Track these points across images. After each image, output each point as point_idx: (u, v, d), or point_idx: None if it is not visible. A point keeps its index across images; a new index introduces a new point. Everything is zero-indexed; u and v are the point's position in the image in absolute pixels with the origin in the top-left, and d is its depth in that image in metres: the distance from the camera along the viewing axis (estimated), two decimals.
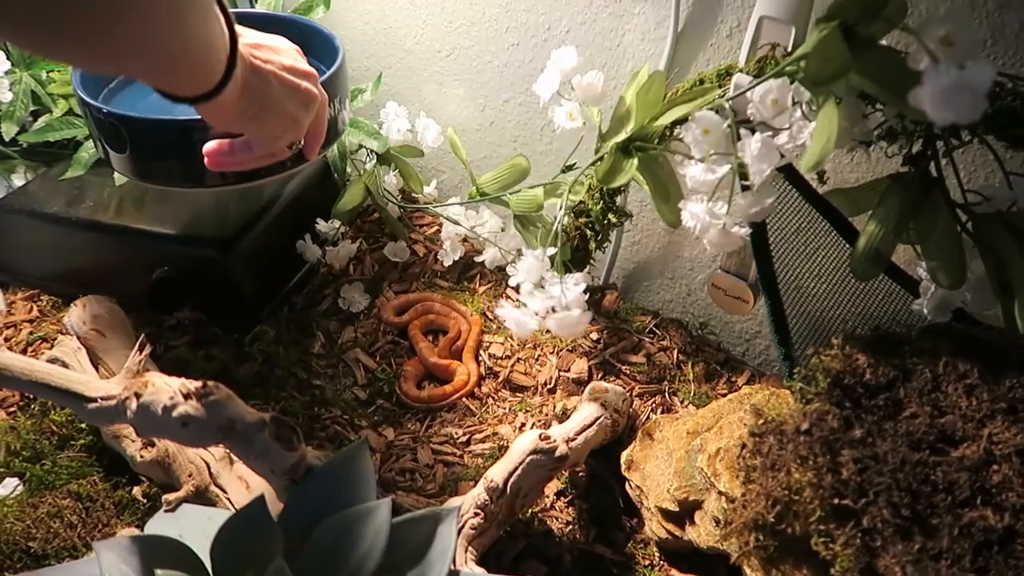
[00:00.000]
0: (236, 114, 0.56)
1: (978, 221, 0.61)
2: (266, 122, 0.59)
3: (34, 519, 0.73)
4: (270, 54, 0.59)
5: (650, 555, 0.75)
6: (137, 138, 0.80)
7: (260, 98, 0.57)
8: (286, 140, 0.64)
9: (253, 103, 0.57)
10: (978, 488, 0.52)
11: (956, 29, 0.50)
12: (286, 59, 0.60)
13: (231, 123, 0.58)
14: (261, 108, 0.58)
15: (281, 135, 0.62)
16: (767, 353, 0.99)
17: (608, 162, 0.75)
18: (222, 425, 0.59)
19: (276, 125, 0.61)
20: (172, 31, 0.45)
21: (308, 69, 0.63)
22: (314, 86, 0.63)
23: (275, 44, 0.61)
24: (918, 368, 0.58)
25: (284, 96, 0.60)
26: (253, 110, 0.57)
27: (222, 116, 0.56)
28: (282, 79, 0.59)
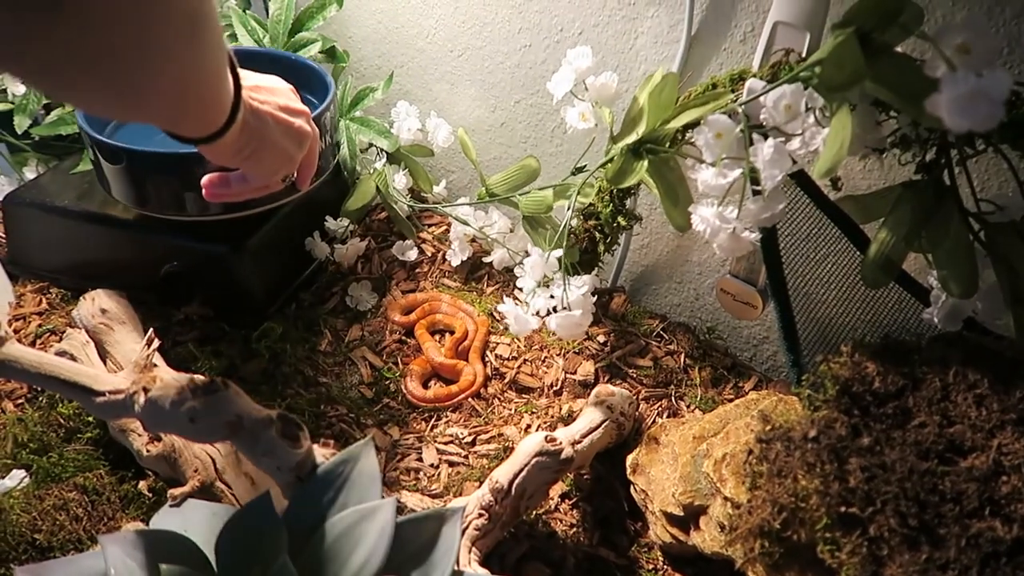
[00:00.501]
0: (234, 152, 0.60)
1: (991, 230, 0.61)
2: (262, 159, 0.64)
3: (40, 511, 0.73)
4: (267, 95, 0.63)
5: (654, 559, 0.75)
6: (136, 168, 0.88)
7: (257, 137, 0.61)
8: (280, 174, 0.68)
9: (251, 141, 0.61)
10: (987, 499, 0.51)
11: (973, 37, 0.50)
12: (281, 99, 0.65)
13: (229, 160, 0.62)
14: (258, 146, 0.62)
15: (276, 170, 0.67)
16: (775, 359, 0.99)
17: (618, 163, 0.75)
18: (229, 421, 0.59)
19: (271, 161, 0.65)
20: (193, 79, 0.48)
21: (302, 108, 0.67)
22: (307, 123, 0.67)
23: (271, 85, 0.65)
24: (928, 377, 0.58)
25: (279, 134, 0.64)
26: (250, 148, 0.61)
27: (221, 154, 0.60)
28: (278, 118, 0.63)
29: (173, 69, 0.45)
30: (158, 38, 0.42)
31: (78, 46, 0.39)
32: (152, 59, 0.43)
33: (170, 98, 0.48)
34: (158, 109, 0.48)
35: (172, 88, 0.47)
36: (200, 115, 0.53)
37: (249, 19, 1.10)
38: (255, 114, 0.60)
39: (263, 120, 0.61)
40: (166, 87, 0.46)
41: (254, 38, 1.10)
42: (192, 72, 0.47)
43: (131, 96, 0.45)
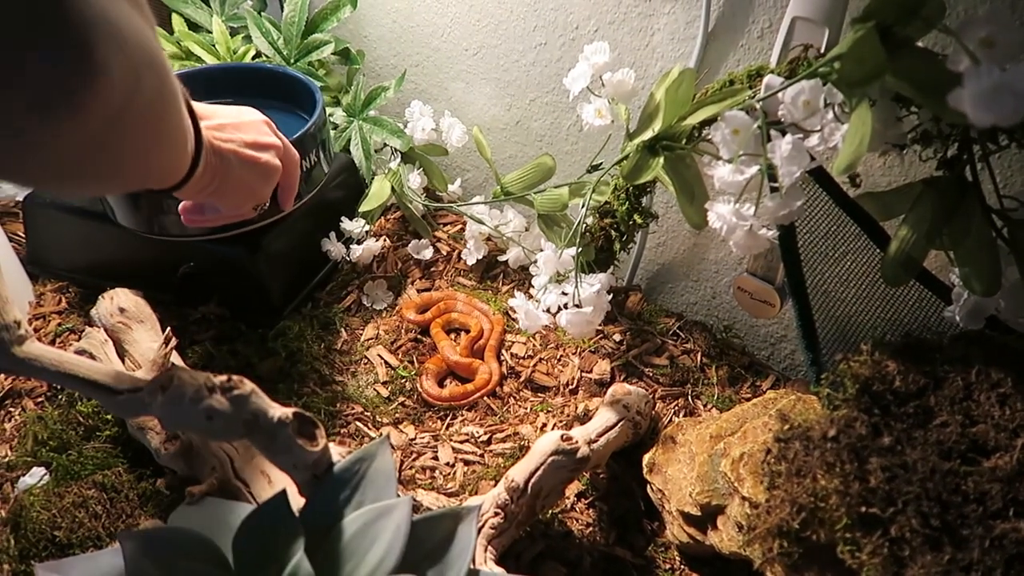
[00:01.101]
0: (197, 190, 0.61)
1: (1014, 227, 0.60)
2: (226, 194, 0.65)
3: (59, 508, 0.74)
4: (232, 132, 0.64)
5: (671, 559, 0.75)
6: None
7: (220, 175, 0.62)
8: (246, 208, 0.70)
9: (213, 180, 0.62)
10: (1011, 499, 0.51)
11: (997, 30, 0.49)
12: (248, 134, 0.66)
13: (194, 196, 0.64)
14: (221, 184, 0.63)
15: (241, 205, 0.69)
16: (793, 357, 0.98)
17: (634, 160, 0.74)
18: (246, 419, 0.59)
19: (236, 197, 0.67)
20: (156, 161, 0.51)
21: (270, 141, 0.69)
22: (275, 158, 0.69)
23: (239, 120, 0.66)
24: (950, 376, 0.57)
25: (244, 171, 0.65)
26: (213, 186, 0.63)
27: (186, 193, 0.61)
28: (242, 156, 0.64)
29: (140, 164, 0.48)
30: (133, 148, 0.44)
31: (55, 170, 0.41)
32: (124, 164, 0.46)
33: (137, 180, 0.51)
34: (124, 189, 0.51)
35: (138, 174, 0.50)
36: (162, 177, 0.55)
37: (264, 21, 1.11)
38: (218, 154, 0.61)
39: (226, 159, 0.62)
40: (133, 178, 0.50)
41: (268, 40, 1.10)
42: (156, 157, 0.50)
43: (100, 190, 0.49)
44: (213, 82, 1.03)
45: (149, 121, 0.44)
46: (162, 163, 0.52)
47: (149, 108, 0.42)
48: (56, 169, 0.41)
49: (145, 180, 0.52)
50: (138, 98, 0.40)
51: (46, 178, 0.43)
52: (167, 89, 0.45)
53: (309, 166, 0.93)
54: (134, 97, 0.39)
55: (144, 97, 0.40)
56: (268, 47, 1.10)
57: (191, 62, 1.11)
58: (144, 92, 0.40)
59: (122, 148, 0.43)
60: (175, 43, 1.11)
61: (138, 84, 0.39)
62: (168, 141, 0.49)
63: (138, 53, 0.38)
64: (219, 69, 1.05)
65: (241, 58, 1.11)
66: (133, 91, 0.39)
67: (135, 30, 0.39)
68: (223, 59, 1.10)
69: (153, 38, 0.42)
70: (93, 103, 0.36)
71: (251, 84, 1.04)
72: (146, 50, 0.40)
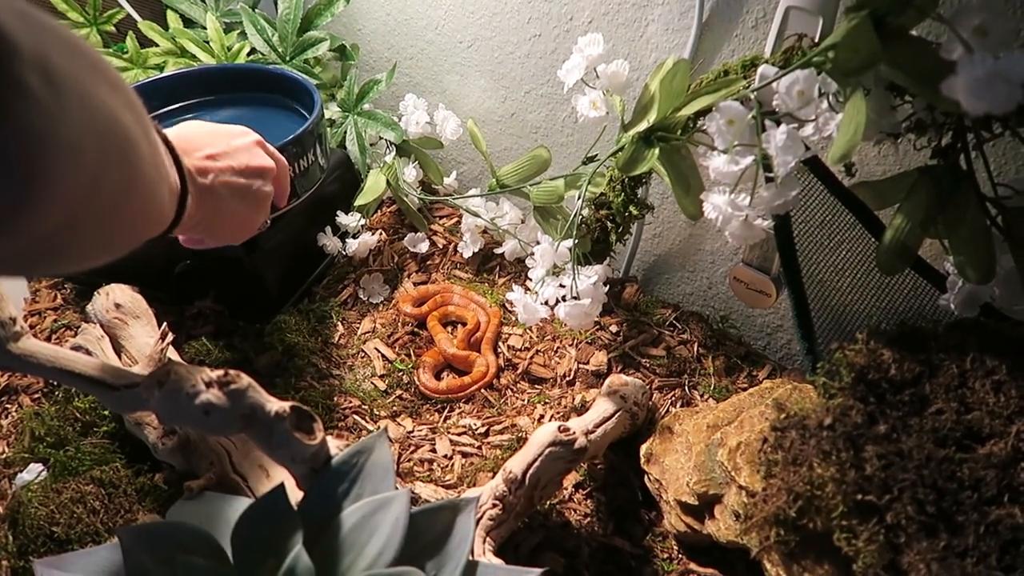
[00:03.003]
0: (189, 228, 0.58)
1: (1008, 215, 0.60)
2: (220, 229, 0.63)
3: (57, 504, 0.74)
4: (223, 160, 0.61)
5: (668, 548, 0.75)
6: None
7: (212, 210, 0.59)
8: (244, 238, 0.67)
9: (204, 217, 0.59)
10: (1005, 486, 0.51)
11: (991, 19, 0.49)
12: (239, 160, 0.62)
13: (189, 232, 0.61)
14: (212, 218, 0.60)
15: (237, 236, 0.66)
16: (789, 347, 0.98)
17: (629, 152, 0.74)
18: (244, 414, 0.59)
19: (230, 229, 0.64)
20: (131, 228, 0.47)
21: (263, 164, 0.65)
22: (267, 183, 0.66)
23: (229, 146, 0.62)
24: (944, 364, 0.57)
25: (236, 202, 0.62)
26: (206, 222, 0.60)
27: (178, 232, 0.58)
28: (233, 186, 0.61)
29: (112, 240, 0.45)
30: (99, 236, 0.42)
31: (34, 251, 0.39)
32: (93, 247, 0.43)
33: (115, 250, 0.47)
34: (106, 260, 0.47)
35: (114, 246, 0.46)
36: (146, 233, 0.50)
37: (258, 18, 1.10)
38: (207, 191, 0.59)
39: (216, 194, 0.60)
40: (109, 252, 0.46)
41: (263, 37, 1.10)
42: (131, 227, 0.46)
43: (80, 267, 0.45)
44: (211, 82, 1.03)
45: (112, 211, 0.41)
46: (139, 228, 0.48)
47: (112, 200, 0.40)
48: (13, 265, 0.39)
49: (126, 246, 0.47)
50: (96, 199, 0.38)
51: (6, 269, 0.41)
52: (134, 172, 0.42)
53: (307, 164, 0.93)
54: (90, 200, 0.37)
55: (104, 195, 0.38)
56: (263, 44, 1.10)
57: (185, 59, 1.11)
58: (103, 190, 0.38)
59: (85, 239, 0.40)
60: (170, 40, 1.11)
61: (95, 188, 0.37)
62: (141, 213, 0.46)
63: (95, 157, 0.36)
64: (217, 70, 1.05)
65: (236, 55, 1.10)
66: (88, 197, 0.37)
67: (98, 126, 0.37)
68: (217, 56, 1.10)
69: (129, 122, 0.40)
70: (35, 225, 0.35)
71: (248, 84, 1.04)
72: (111, 142, 0.38)
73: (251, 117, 1.04)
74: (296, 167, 0.93)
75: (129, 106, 0.41)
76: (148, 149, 0.45)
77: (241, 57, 1.11)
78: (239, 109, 1.05)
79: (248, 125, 1.03)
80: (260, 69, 1.05)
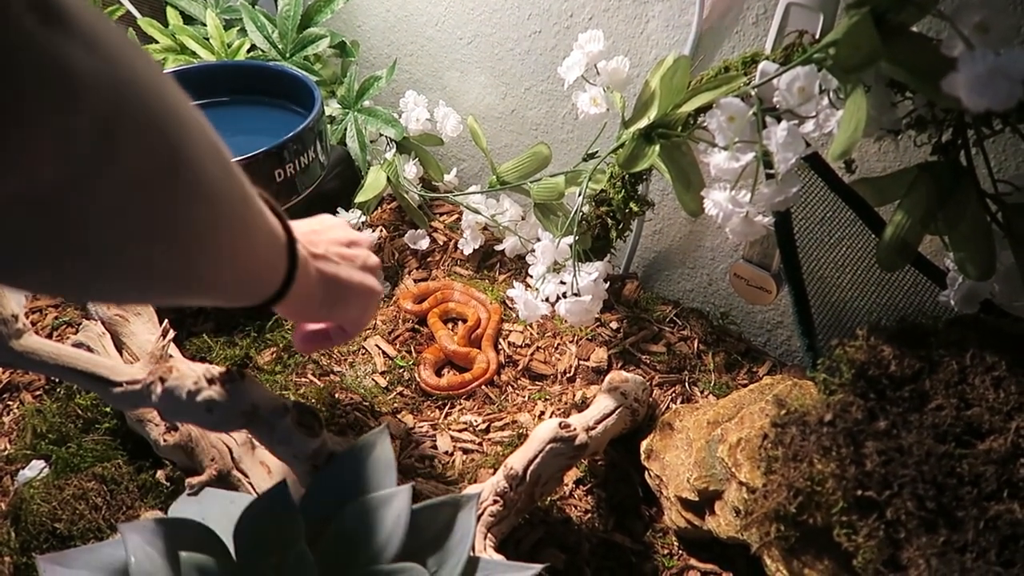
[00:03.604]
0: (319, 303, 0.56)
1: (1008, 211, 0.60)
2: (348, 303, 0.59)
3: (60, 501, 0.74)
4: (324, 235, 0.59)
5: (669, 544, 0.75)
6: None
7: (332, 281, 0.57)
8: (371, 312, 0.64)
9: (330, 290, 0.57)
10: (1005, 481, 0.51)
11: (992, 15, 0.49)
12: (335, 234, 0.61)
13: (315, 315, 0.59)
14: (336, 291, 0.58)
15: (367, 307, 0.62)
16: (789, 343, 0.98)
17: (630, 148, 0.75)
18: (246, 410, 0.59)
19: (356, 301, 0.60)
20: (231, 271, 0.44)
21: (356, 236, 0.64)
22: (370, 253, 0.64)
23: (321, 225, 0.61)
24: (944, 360, 0.57)
25: (349, 270, 0.60)
26: (332, 296, 0.57)
27: (303, 311, 0.57)
28: (343, 254, 0.60)
29: (225, 273, 0.43)
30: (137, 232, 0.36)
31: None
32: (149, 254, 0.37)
33: (201, 296, 0.44)
34: (180, 291, 0.43)
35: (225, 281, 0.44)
36: (244, 269, 0.47)
37: (258, 14, 1.10)
38: (320, 258, 0.57)
39: (329, 260, 0.58)
40: (181, 277, 0.41)
41: (264, 34, 1.10)
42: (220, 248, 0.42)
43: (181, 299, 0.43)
44: (211, 79, 1.03)
45: (148, 204, 0.34)
46: (235, 265, 0.44)
47: (143, 186, 0.33)
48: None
49: (217, 280, 0.44)
50: (113, 168, 0.31)
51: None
52: (184, 172, 0.35)
53: (307, 161, 0.93)
54: (100, 161, 0.30)
55: (123, 167, 0.31)
56: (263, 41, 1.10)
57: (185, 56, 1.11)
58: (120, 161, 0.31)
59: (113, 231, 0.34)
60: (170, 36, 1.11)
61: (111, 142, 0.30)
62: (233, 242, 0.42)
63: (106, 107, 0.30)
64: (217, 67, 1.05)
65: (236, 52, 1.10)
66: (91, 153, 0.30)
67: (129, 79, 0.31)
68: (217, 53, 1.10)
69: (185, 117, 0.35)
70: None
71: (248, 81, 1.04)
72: (143, 111, 0.32)
73: (251, 114, 1.04)
74: (296, 164, 0.93)
75: (191, 117, 0.37)
76: (253, 201, 0.43)
77: (241, 54, 1.11)
78: (239, 106, 1.05)
79: (248, 122, 1.04)
80: (260, 66, 1.05)
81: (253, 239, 0.45)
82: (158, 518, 0.65)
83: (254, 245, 0.45)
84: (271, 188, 0.91)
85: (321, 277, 0.56)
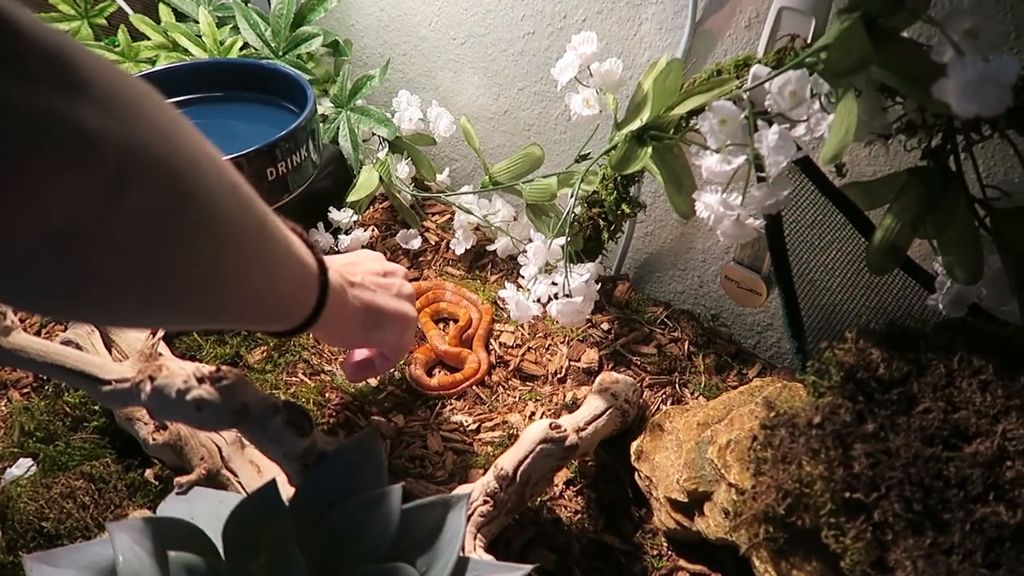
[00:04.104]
0: (357, 328, 0.61)
1: (997, 217, 0.61)
2: (385, 327, 0.64)
3: (47, 499, 0.73)
4: (359, 267, 0.64)
5: (658, 545, 0.76)
6: None
7: (371, 306, 0.62)
8: (408, 337, 0.69)
9: (369, 316, 0.62)
10: (991, 484, 0.51)
11: (981, 22, 0.49)
12: (369, 266, 0.66)
13: (358, 340, 0.64)
14: (378, 314, 0.63)
15: (404, 332, 0.68)
16: (779, 346, 0.99)
17: (622, 150, 0.75)
18: (236, 409, 0.59)
19: (393, 326, 0.66)
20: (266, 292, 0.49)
21: (391, 267, 0.69)
22: (403, 278, 0.69)
23: (355, 259, 0.66)
24: (932, 363, 0.58)
25: (386, 297, 0.65)
26: (372, 320, 0.62)
27: (341, 337, 0.61)
28: (378, 283, 0.64)
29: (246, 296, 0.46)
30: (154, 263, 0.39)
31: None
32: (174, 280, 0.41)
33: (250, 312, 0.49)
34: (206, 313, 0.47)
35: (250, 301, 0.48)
36: (279, 317, 0.53)
37: (251, 12, 1.10)
38: (358, 287, 0.61)
39: (366, 287, 0.62)
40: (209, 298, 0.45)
41: (256, 32, 1.09)
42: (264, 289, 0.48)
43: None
44: (204, 77, 1.03)
45: (157, 240, 0.37)
46: (253, 285, 0.47)
47: (152, 225, 0.36)
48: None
49: (238, 306, 0.47)
50: (121, 210, 0.34)
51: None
52: (194, 211, 0.39)
53: (300, 160, 0.93)
54: (110, 203, 0.33)
55: (131, 210, 0.35)
56: (256, 39, 1.09)
57: (177, 53, 1.10)
58: (129, 205, 0.34)
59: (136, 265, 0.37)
60: (162, 33, 1.10)
61: (119, 188, 0.34)
62: (229, 263, 0.44)
63: (115, 160, 0.33)
64: (209, 64, 1.05)
65: (228, 50, 1.10)
66: (105, 194, 0.33)
67: (141, 132, 0.34)
68: (210, 51, 1.09)
69: (197, 159, 0.38)
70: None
71: (241, 79, 1.04)
72: (152, 160, 0.35)
73: (243, 112, 1.04)
74: (288, 163, 0.92)
75: (210, 161, 0.41)
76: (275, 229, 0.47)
77: (234, 52, 1.10)
78: (231, 104, 1.04)
79: (240, 120, 1.04)
80: (253, 64, 1.05)
81: (277, 269, 0.49)
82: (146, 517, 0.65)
83: (278, 274, 0.49)
84: (263, 186, 0.91)
85: (359, 304, 0.60)
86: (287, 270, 0.50)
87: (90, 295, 0.37)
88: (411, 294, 0.69)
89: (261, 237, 0.46)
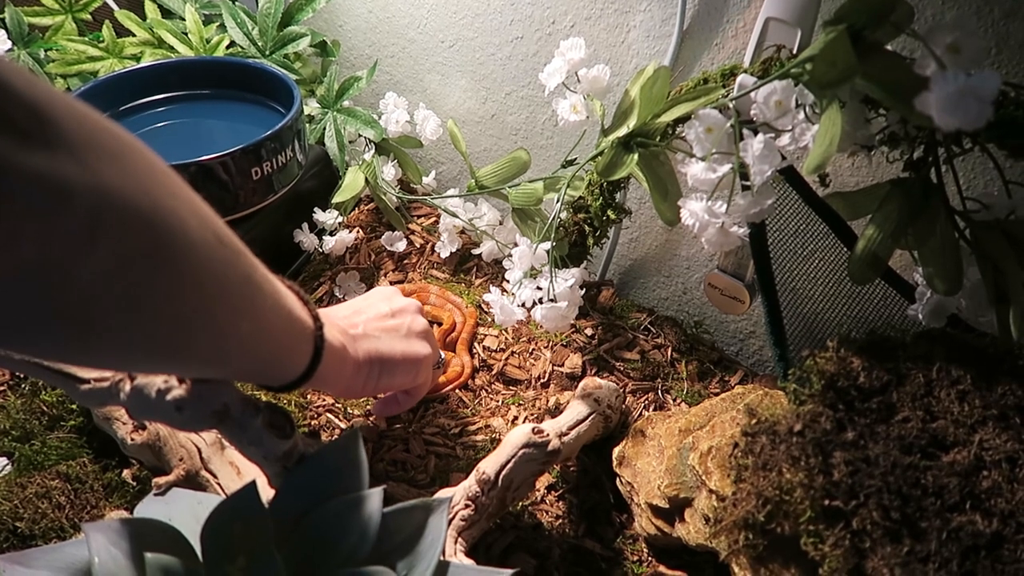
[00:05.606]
0: (362, 380, 0.61)
1: (976, 229, 0.62)
2: (394, 374, 0.63)
3: (22, 499, 0.72)
4: (365, 314, 0.63)
5: (639, 551, 0.76)
6: None
7: (376, 354, 0.61)
8: (424, 375, 0.68)
9: (370, 359, 0.60)
10: (967, 493, 0.52)
11: (963, 37, 0.50)
12: (377, 309, 0.64)
13: (361, 392, 0.62)
14: (383, 361, 0.61)
15: (417, 374, 0.66)
16: (761, 353, 0.99)
17: (608, 156, 0.75)
18: (216, 410, 0.58)
19: (404, 371, 0.64)
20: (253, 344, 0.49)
21: (405, 303, 0.67)
22: (416, 317, 0.67)
23: (362, 306, 0.65)
24: (912, 373, 0.58)
25: (395, 340, 0.63)
26: (376, 372, 0.61)
27: (347, 390, 0.61)
28: (386, 327, 0.63)
29: (232, 344, 0.47)
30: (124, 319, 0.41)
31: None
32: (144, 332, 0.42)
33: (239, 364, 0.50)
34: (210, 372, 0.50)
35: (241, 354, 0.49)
36: (269, 373, 0.54)
37: (238, 11, 1.09)
38: (361, 338, 0.60)
39: (370, 336, 0.61)
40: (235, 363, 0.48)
41: (243, 31, 1.09)
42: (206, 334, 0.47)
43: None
44: (189, 75, 1.02)
45: (129, 285, 0.38)
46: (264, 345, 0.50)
47: (124, 269, 0.37)
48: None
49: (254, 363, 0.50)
50: (93, 254, 0.35)
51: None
52: (169, 257, 0.39)
53: (285, 160, 0.93)
54: (82, 254, 0.35)
55: (103, 254, 0.35)
56: (243, 38, 1.09)
57: (163, 50, 1.09)
58: (101, 249, 0.35)
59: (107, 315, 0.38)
60: (147, 30, 1.10)
61: (91, 237, 0.35)
62: (212, 321, 0.45)
63: (86, 206, 0.34)
64: (195, 62, 1.04)
65: (214, 48, 1.09)
66: (75, 245, 0.34)
67: (114, 180, 0.35)
68: (196, 48, 1.09)
69: (175, 207, 0.39)
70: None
71: (227, 77, 1.03)
72: (126, 207, 0.36)
73: (229, 111, 1.03)
74: (274, 163, 0.92)
75: (191, 212, 0.42)
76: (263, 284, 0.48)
77: (220, 50, 1.10)
78: (217, 103, 1.04)
79: (226, 119, 1.03)
80: (239, 63, 1.04)
81: (262, 322, 0.49)
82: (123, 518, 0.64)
83: (264, 328, 0.49)
84: (248, 186, 0.91)
85: (362, 355, 0.60)
86: (276, 323, 0.51)
87: (68, 336, 0.38)
88: (423, 330, 0.67)
89: (247, 288, 0.47)
